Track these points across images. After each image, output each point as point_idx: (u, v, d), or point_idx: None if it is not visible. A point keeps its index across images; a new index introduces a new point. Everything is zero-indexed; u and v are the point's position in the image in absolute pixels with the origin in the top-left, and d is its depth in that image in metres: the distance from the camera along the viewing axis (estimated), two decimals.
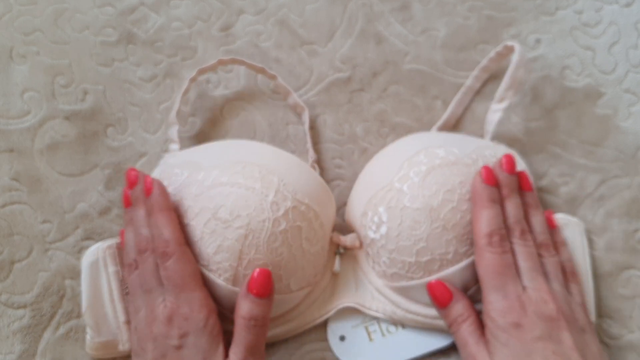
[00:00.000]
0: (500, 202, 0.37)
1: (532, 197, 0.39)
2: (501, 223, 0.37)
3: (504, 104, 0.43)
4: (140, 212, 0.38)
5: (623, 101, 0.47)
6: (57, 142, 0.45)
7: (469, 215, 0.37)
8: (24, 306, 0.42)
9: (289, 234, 0.36)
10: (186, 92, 0.45)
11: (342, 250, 0.42)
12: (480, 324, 0.36)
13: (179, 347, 0.34)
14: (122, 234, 0.41)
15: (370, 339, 0.41)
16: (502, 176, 0.38)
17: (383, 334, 0.41)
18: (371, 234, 0.39)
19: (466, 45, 0.49)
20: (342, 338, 0.41)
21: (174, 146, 0.44)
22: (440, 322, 0.39)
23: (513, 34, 0.49)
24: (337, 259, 0.42)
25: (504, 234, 0.36)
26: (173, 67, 0.48)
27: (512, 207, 0.38)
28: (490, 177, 0.37)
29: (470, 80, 0.47)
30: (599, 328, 0.41)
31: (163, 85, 0.48)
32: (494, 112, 0.43)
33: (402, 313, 0.40)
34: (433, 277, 0.37)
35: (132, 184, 0.39)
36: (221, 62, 0.46)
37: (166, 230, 0.36)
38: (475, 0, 0.50)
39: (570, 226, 0.42)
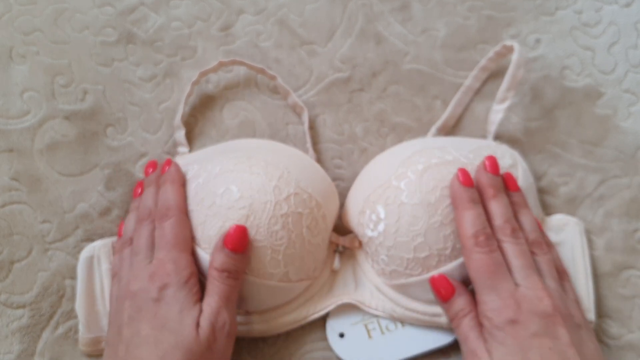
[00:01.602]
0: (481, 202, 0.37)
1: (520, 197, 0.39)
2: (485, 223, 0.36)
3: (505, 104, 0.43)
4: (150, 190, 0.40)
5: (623, 101, 0.47)
6: (57, 142, 0.45)
7: None
8: (23, 306, 0.42)
9: (289, 218, 0.36)
10: (189, 95, 0.46)
11: (341, 249, 0.42)
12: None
13: (157, 300, 0.35)
14: (121, 226, 0.42)
15: (370, 337, 0.41)
16: (487, 177, 0.38)
17: (382, 332, 0.41)
18: (369, 232, 0.39)
19: (466, 45, 0.49)
20: (342, 335, 0.41)
21: (183, 149, 0.45)
22: (440, 320, 0.39)
23: (513, 34, 0.49)
24: (337, 257, 0.42)
25: (489, 233, 0.36)
26: (173, 66, 0.48)
27: (500, 206, 0.37)
28: (467, 179, 0.37)
29: (470, 80, 0.47)
30: (598, 328, 0.41)
31: (163, 85, 0.48)
32: (496, 113, 0.44)
33: (402, 310, 0.40)
34: (431, 274, 0.37)
35: (149, 170, 0.42)
36: (222, 64, 0.46)
37: (172, 197, 0.38)
38: (475, 0, 0.50)
39: (569, 226, 0.42)
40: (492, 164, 0.38)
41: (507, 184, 0.39)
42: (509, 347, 0.33)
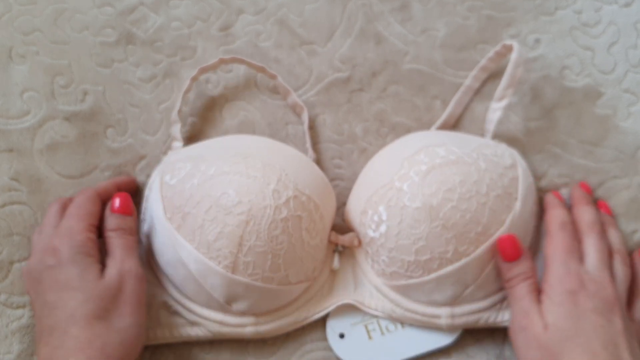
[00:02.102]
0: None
1: (610, 220, 0.42)
2: (572, 221, 0.40)
3: (503, 103, 0.43)
4: None
5: (622, 101, 0.47)
6: (56, 142, 0.45)
7: (469, 215, 0.36)
8: (23, 306, 0.42)
9: (289, 222, 0.36)
10: (187, 91, 0.46)
11: (340, 248, 0.42)
12: (539, 288, 0.37)
13: (52, 267, 0.35)
14: None
15: (370, 337, 0.41)
16: (579, 191, 0.42)
17: (382, 333, 0.41)
18: (370, 233, 0.39)
19: (466, 45, 0.49)
20: (342, 336, 0.41)
21: (177, 144, 0.45)
22: (439, 321, 0.39)
23: (512, 33, 0.49)
24: (336, 257, 0.42)
25: (574, 229, 0.39)
26: (172, 67, 0.48)
27: (589, 212, 0.40)
28: (559, 197, 0.42)
29: (470, 79, 0.47)
30: None
31: (163, 86, 0.48)
32: (494, 111, 0.44)
33: (401, 311, 0.40)
34: (432, 276, 0.37)
35: None
36: (222, 61, 0.46)
37: (102, 184, 0.41)
38: (475, 0, 0.50)
39: None
40: (584, 185, 0.44)
41: (600, 208, 0.43)
42: (566, 310, 0.35)
